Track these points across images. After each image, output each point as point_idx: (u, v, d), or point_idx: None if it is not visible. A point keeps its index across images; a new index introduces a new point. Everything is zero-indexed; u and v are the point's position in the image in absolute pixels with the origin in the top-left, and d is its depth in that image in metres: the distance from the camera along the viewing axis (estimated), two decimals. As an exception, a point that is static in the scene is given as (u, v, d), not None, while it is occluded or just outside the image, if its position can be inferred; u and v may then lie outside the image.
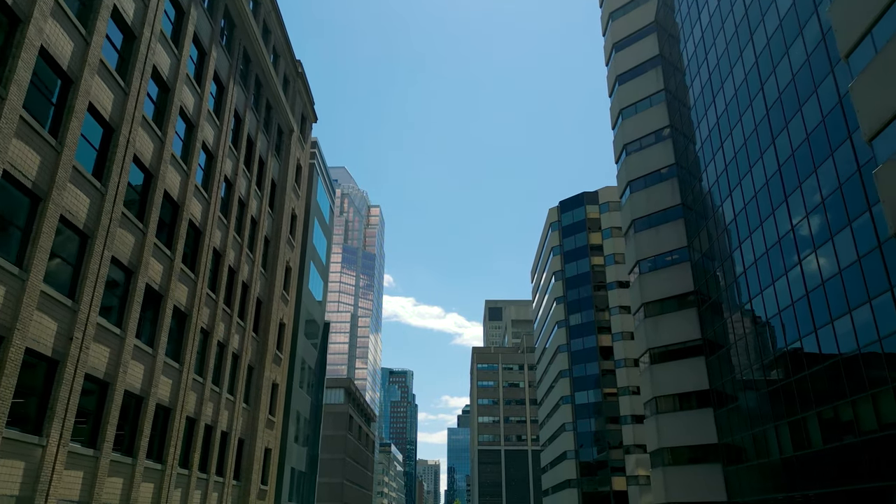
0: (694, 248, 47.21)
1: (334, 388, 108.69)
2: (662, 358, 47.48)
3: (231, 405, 31.29)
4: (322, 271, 52.81)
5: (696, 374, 45.00)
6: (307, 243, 46.65)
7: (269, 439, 36.52)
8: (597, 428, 79.37)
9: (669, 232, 49.54)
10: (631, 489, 71.58)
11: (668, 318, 47.87)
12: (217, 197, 28.71)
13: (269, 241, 37.57)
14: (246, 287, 33.65)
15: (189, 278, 26.16)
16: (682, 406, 45.66)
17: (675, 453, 45.39)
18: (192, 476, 26.43)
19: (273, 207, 38.45)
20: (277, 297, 37.64)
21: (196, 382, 27.00)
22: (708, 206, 44.43)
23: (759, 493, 37.07)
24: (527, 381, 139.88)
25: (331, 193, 56.74)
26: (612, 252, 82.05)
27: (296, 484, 44.90)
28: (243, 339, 32.85)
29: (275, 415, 37.80)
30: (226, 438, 30.84)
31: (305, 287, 46.36)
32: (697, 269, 46.60)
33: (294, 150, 41.39)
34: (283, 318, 39.03)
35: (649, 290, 49.53)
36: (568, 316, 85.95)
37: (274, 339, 37.15)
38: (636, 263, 51.33)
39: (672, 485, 44.49)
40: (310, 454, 49.42)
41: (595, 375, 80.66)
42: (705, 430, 43.51)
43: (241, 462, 33.11)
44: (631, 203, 52.89)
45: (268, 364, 35.94)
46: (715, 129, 43.74)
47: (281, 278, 38.37)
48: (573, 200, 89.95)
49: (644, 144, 53.55)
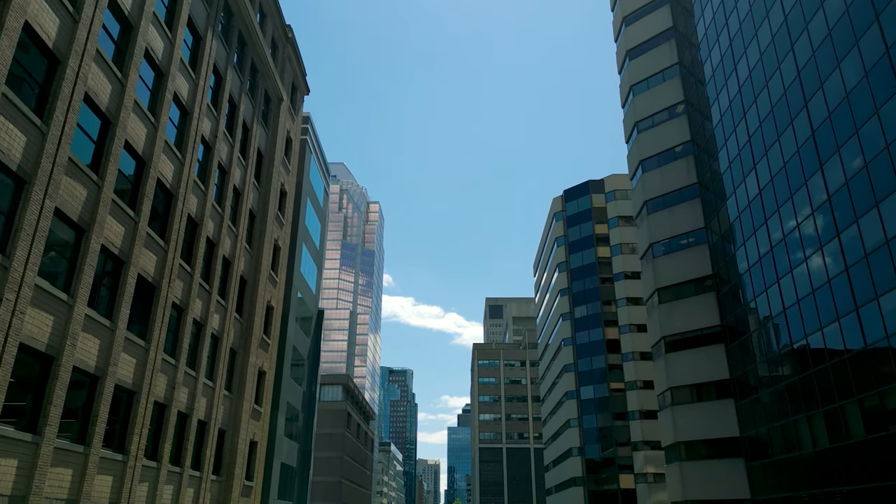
0: (712, 229, 44.17)
1: (332, 384, 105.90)
2: (678, 346, 44.43)
3: (210, 392, 28.28)
4: (315, 256, 49.80)
5: (715, 363, 41.97)
6: (298, 224, 43.65)
7: (254, 431, 33.51)
8: (603, 424, 76.38)
9: (685, 212, 46.51)
10: (639, 487, 68.67)
11: (683, 303, 44.84)
12: (192, 158, 25.70)
13: (254, 216, 34.56)
14: (228, 263, 30.64)
15: (158, 245, 23.14)
16: (699, 397, 42.63)
17: (692, 448, 42.35)
18: (162, 469, 23.42)
19: (259, 180, 35.44)
20: (264, 276, 34.64)
21: (167, 364, 23.99)
22: (728, 182, 41.40)
23: (787, 489, 34.06)
24: (529, 377, 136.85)
25: (325, 174, 53.74)
26: (619, 242, 79.12)
27: (286, 481, 41.90)
28: (225, 320, 29.84)
29: (261, 405, 34.79)
30: (203, 428, 27.83)
31: (297, 271, 43.36)
32: (716, 251, 43.58)
33: (283, 120, 38.40)
34: (270, 301, 36.02)
35: (663, 275, 46.49)
36: (573, 308, 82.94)
37: (260, 323, 34.15)
38: (649, 247, 48.29)
39: (689, 481, 41.46)
40: (302, 449, 46.40)
41: (601, 369, 77.67)
42: (726, 423, 40.48)
43: (223, 455, 30.10)
44: (643, 183, 49.85)
45: (253, 349, 32.94)
46: (737, 101, 40.71)
47: (268, 257, 35.36)
48: (578, 189, 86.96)
49: (657, 121, 50.52)
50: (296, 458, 44.19)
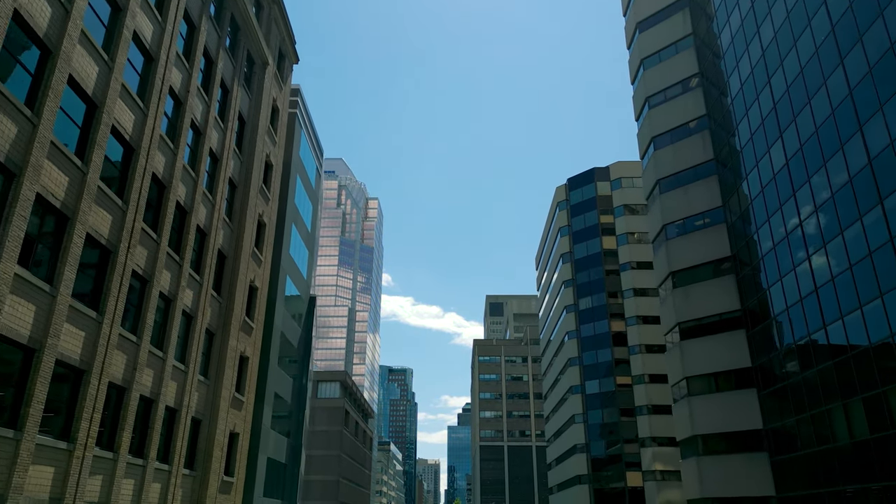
0: (730, 207, 41.18)
1: (329, 381, 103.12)
2: (694, 333, 41.43)
3: (181, 376, 25.30)
4: (307, 239, 46.82)
5: (735, 350, 38.98)
6: (287, 202, 40.66)
7: (235, 422, 30.53)
8: (609, 419, 73.39)
9: (701, 191, 43.50)
10: (648, 485, 65.77)
11: (700, 287, 41.84)
12: (158, 111, 22.72)
13: (235, 186, 31.57)
14: (203, 234, 27.65)
15: (114, 205, 20.16)
16: (718, 387, 39.62)
17: (710, 442, 39.35)
18: (120, 460, 20.44)
19: (241, 148, 32.45)
20: (246, 253, 31.67)
21: (126, 341, 21.01)
22: (750, 156, 38.40)
23: (818, 484, 31.07)
24: (530, 374, 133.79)
25: (317, 154, 50.75)
26: (625, 231, 76.19)
27: (273, 477, 38.92)
28: (200, 297, 26.85)
29: (244, 394, 31.82)
30: (173, 416, 24.86)
31: (286, 252, 40.37)
32: (735, 230, 40.59)
33: (269, 87, 35.42)
34: (254, 281, 33.05)
35: (678, 257, 43.50)
36: (577, 300, 79.98)
37: (242, 304, 31.17)
38: (662, 228, 45.28)
39: (708, 478, 38.46)
40: (291, 444, 43.41)
41: (607, 363, 74.70)
42: (748, 415, 37.49)
43: (198, 447, 27.13)
44: (655, 161, 46.84)
45: (233, 332, 29.96)
46: (759, 67, 37.70)
47: (251, 233, 32.38)
48: (582, 177, 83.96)
49: (669, 96, 47.52)
50: (284, 453, 41.21)
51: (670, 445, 65.50)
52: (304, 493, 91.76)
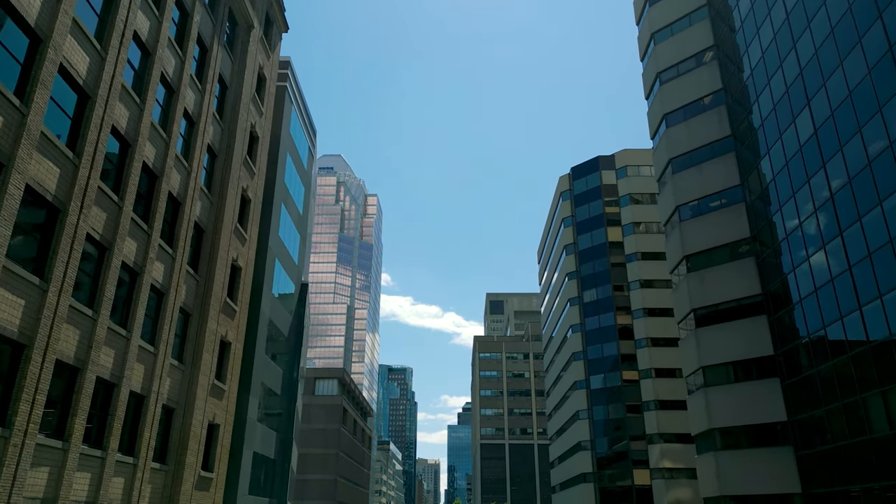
0: (749, 185, 38.54)
1: (327, 378, 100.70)
2: (711, 320, 38.82)
3: (150, 358, 22.67)
4: (298, 222, 44.17)
5: (756, 338, 36.37)
6: (276, 180, 38.01)
7: (215, 412, 27.89)
8: (615, 415, 70.76)
9: (717, 169, 40.87)
10: (655, 483, 63.16)
11: (717, 271, 39.21)
12: (120, 58, 20.08)
13: (215, 155, 28.92)
14: (177, 203, 25.01)
15: (63, 157, 17.53)
16: (738, 377, 37.00)
17: (729, 436, 36.72)
18: (70, 450, 17.80)
19: (222, 114, 29.81)
20: (228, 229, 29.03)
21: (79, 314, 18.37)
22: (772, 126, 35.75)
23: (849, 480, 28.45)
24: (532, 371, 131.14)
25: (310, 133, 48.11)
26: (631, 221, 73.57)
27: (261, 473, 36.28)
28: (172, 272, 24.23)
29: (225, 382, 29.18)
30: (140, 403, 22.22)
31: (274, 234, 37.73)
32: (754, 210, 37.97)
33: (254, 53, 32.78)
34: (237, 260, 30.40)
35: (693, 240, 40.87)
36: (581, 292, 77.32)
37: (224, 283, 28.54)
38: (675, 210, 42.64)
39: (727, 474, 35.83)
40: (281, 439, 40.77)
41: (613, 357, 72.05)
42: (770, 406, 34.88)
43: (170, 438, 24.49)
44: (668, 139, 44.20)
45: (213, 313, 27.32)
46: (783, 32, 35.05)
47: (233, 207, 29.74)
48: (587, 166, 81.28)
49: (682, 70, 44.88)
50: (273, 449, 38.57)
51: (679, 442, 63.02)
52: (302, 493, 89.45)
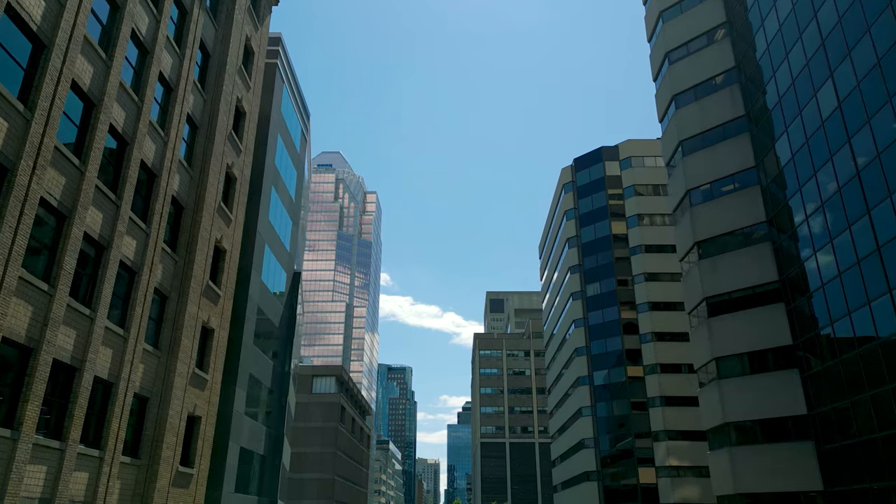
0: (765, 167, 36.52)
1: (325, 375, 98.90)
2: (724, 308, 36.80)
3: (119, 342, 20.65)
4: (290, 207, 42.16)
5: (772, 327, 34.36)
6: (266, 161, 35.99)
7: (196, 403, 25.88)
8: (620, 412, 68.73)
9: (730, 151, 38.86)
10: (662, 482, 61.16)
11: (731, 257, 37.20)
12: (82, 7, 18.06)
13: (196, 127, 26.90)
14: (151, 174, 22.99)
15: (13, 109, 15.53)
16: (753, 368, 34.97)
17: (745, 430, 34.70)
18: (21, 440, 15.79)
19: (205, 84, 27.79)
20: (211, 207, 27.02)
21: (30, 288, 16.37)
22: (791, 101, 33.69)
23: (879, 476, 26.43)
24: (533, 368, 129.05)
25: (303, 117, 46.10)
26: (635, 213, 71.56)
27: (249, 470, 34.27)
28: (146, 250, 22.21)
29: (207, 371, 27.17)
30: (108, 391, 20.21)
31: (263, 217, 35.72)
32: (770, 193, 35.96)
33: (241, 22, 30.77)
34: (221, 241, 28.38)
35: (705, 225, 38.85)
36: (584, 286, 75.27)
37: (205, 265, 26.53)
38: (685, 194, 40.62)
39: (743, 471, 33.82)
40: (272, 434, 38.75)
41: (617, 352, 70.03)
42: (789, 398, 32.87)
43: (143, 430, 22.48)
44: (677, 120, 42.17)
45: (193, 297, 25.31)
46: (805, 2, 33.07)
47: (217, 183, 27.72)
48: (590, 157, 79.27)
49: (692, 49, 42.86)
50: (263, 444, 36.55)
51: (686, 439, 61.11)
52: (299, 492, 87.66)
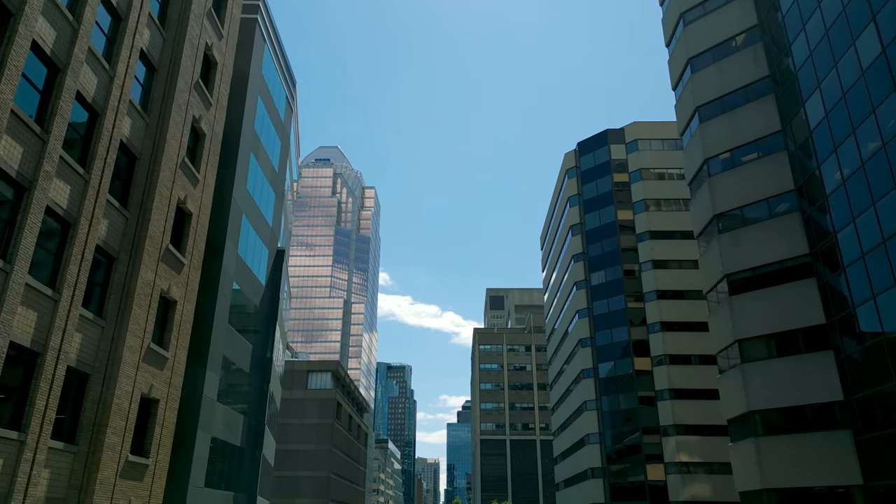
0: (793, 130, 33.17)
1: (320, 371, 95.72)
2: (748, 286, 33.46)
3: (47, 304, 17.32)
4: (273, 179, 38.83)
5: (803, 304, 31.03)
6: (244, 122, 32.63)
7: (153, 384, 22.54)
8: (626, 406, 65.40)
9: (753, 114, 35.52)
10: (671, 479, 57.92)
11: (755, 230, 33.86)
12: None
13: (154, 69, 23.56)
14: (93, 112, 19.66)
15: None
16: (781, 351, 31.63)
17: (772, 420, 31.36)
18: None
19: (165, 23, 24.45)
20: (172, 162, 23.69)
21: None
22: (825, 58, 30.36)
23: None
24: (534, 363, 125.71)
25: (289, 85, 42.75)
26: (642, 198, 68.35)
27: (223, 464, 30.93)
28: (83, 198, 18.87)
29: (168, 348, 23.84)
30: (32, 362, 16.88)
31: (241, 185, 32.37)
32: (799, 158, 32.63)
33: (212, -39, 27.44)
34: (185, 202, 25.04)
35: (725, 196, 35.50)
36: (589, 275, 71.96)
37: (166, 227, 23.20)
38: (703, 163, 37.28)
39: (771, 465, 30.48)
40: (251, 424, 35.41)
41: (623, 343, 66.70)
42: (822, 383, 29.54)
43: (82, 412, 19.15)
44: (693, 85, 38.81)
45: (148, 261, 21.98)
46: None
47: (180, 137, 24.38)
48: (594, 140, 75.89)
49: (710, 8, 39.50)
50: (240, 435, 33.22)
51: (696, 434, 57.95)
52: (293, 491, 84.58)
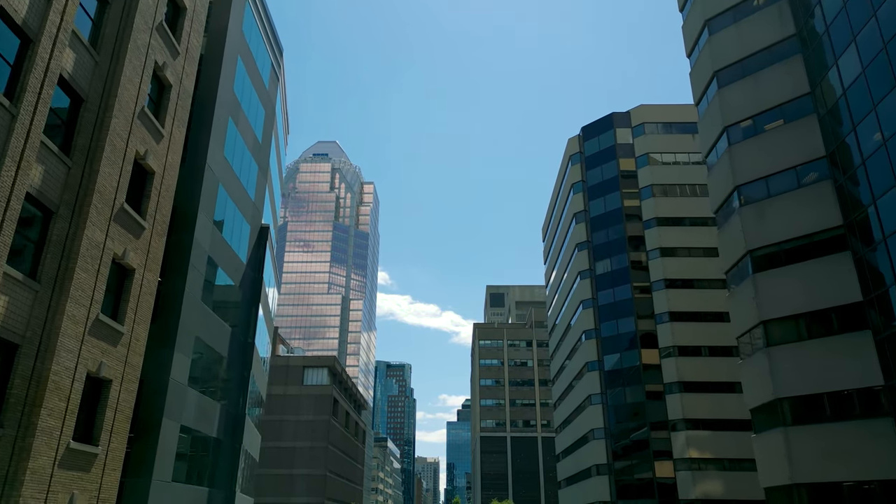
0: (823, 92, 30.20)
1: (316, 367, 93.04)
2: (774, 262, 30.49)
3: (-42, 258, 14.40)
4: (255, 150, 35.89)
5: (836, 281, 28.08)
6: (221, 82, 29.65)
7: (103, 361, 19.60)
8: (632, 400, 62.48)
9: (778, 77, 32.54)
10: (681, 475, 55.13)
11: (781, 201, 30.89)
12: None
13: (107, 2, 20.60)
14: (24, 39, 16.70)
15: None
16: (812, 332, 28.65)
17: (802, 407, 28.39)
18: None
19: (123, -49, 21.50)
20: (129, 110, 20.73)
21: None
22: (859, 7, 27.39)
23: None
24: (536, 359, 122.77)
25: (275, 52, 39.80)
26: (649, 183, 65.50)
27: (195, 456, 27.97)
28: (8, 137, 15.94)
29: (123, 321, 20.89)
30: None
31: (217, 150, 29.41)
32: (830, 123, 29.68)
33: None
34: (145, 157, 22.08)
35: (748, 166, 32.54)
36: (594, 264, 69.02)
37: (120, 183, 20.25)
38: (722, 132, 34.30)
39: (801, 457, 27.51)
40: (230, 413, 32.45)
41: (630, 334, 63.82)
42: (859, 367, 26.58)
43: (8, 389, 16.21)
44: (712, 48, 35.83)
45: (98, 219, 19.04)
46: None
47: (140, 83, 21.42)
48: (599, 124, 72.99)
49: (729, -35, 36.55)
50: (216, 425, 30.27)
51: (707, 429, 55.20)
52: (288, 489, 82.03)
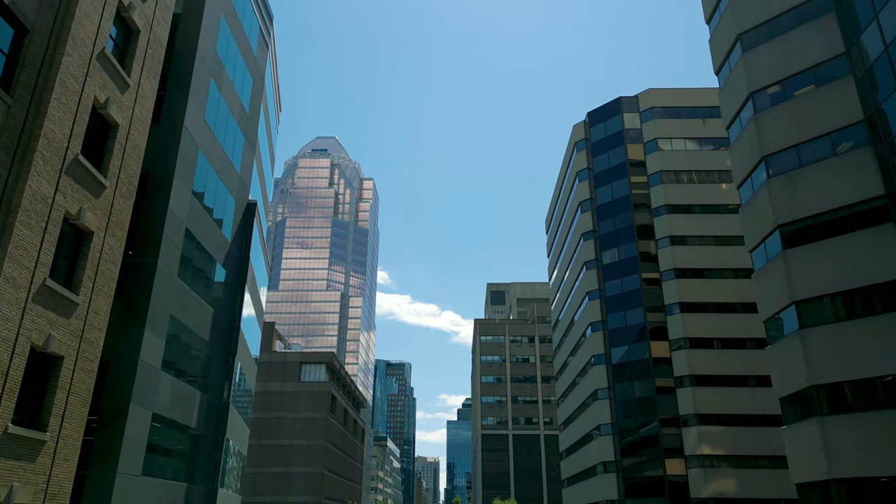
0: (861, 52, 27.55)
1: (314, 363, 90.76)
2: (808, 236, 27.83)
3: None
4: (242, 120, 33.23)
5: (878, 255, 25.43)
6: (201, 39, 27.02)
7: (51, 333, 16.95)
8: (641, 394, 59.83)
9: (809, 36, 29.87)
10: (692, 473, 52.57)
11: (814, 171, 28.23)
12: None
13: (58, -80, 17.98)
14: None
15: None
16: (851, 312, 25.99)
17: (841, 394, 25.75)
18: None
19: None
20: (85, 49, 18.10)
21: None
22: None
23: None
24: (538, 355, 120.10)
25: (264, 19, 37.14)
26: (658, 169, 62.89)
27: (168, 447, 25.31)
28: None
29: (79, 291, 18.25)
30: None
31: (196, 114, 26.74)
32: (867, 84, 27.02)
33: None
34: (106, 106, 19.42)
35: (776, 134, 29.88)
36: (600, 254, 66.35)
37: (73, 130, 17.61)
38: (748, 98, 31.62)
39: (840, 450, 24.86)
40: (211, 403, 29.78)
41: (639, 326, 61.15)
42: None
43: (-76, 362, 13.60)
44: (735, 9, 33.16)
45: (45, 169, 16.41)
46: None
47: (98, 20, 18.78)
48: (606, 109, 70.29)
49: (753, -79, 33.91)
50: (195, 415, 27.63)
51: (720, 424, 52.69)
52: (286, 487, 79.88)
